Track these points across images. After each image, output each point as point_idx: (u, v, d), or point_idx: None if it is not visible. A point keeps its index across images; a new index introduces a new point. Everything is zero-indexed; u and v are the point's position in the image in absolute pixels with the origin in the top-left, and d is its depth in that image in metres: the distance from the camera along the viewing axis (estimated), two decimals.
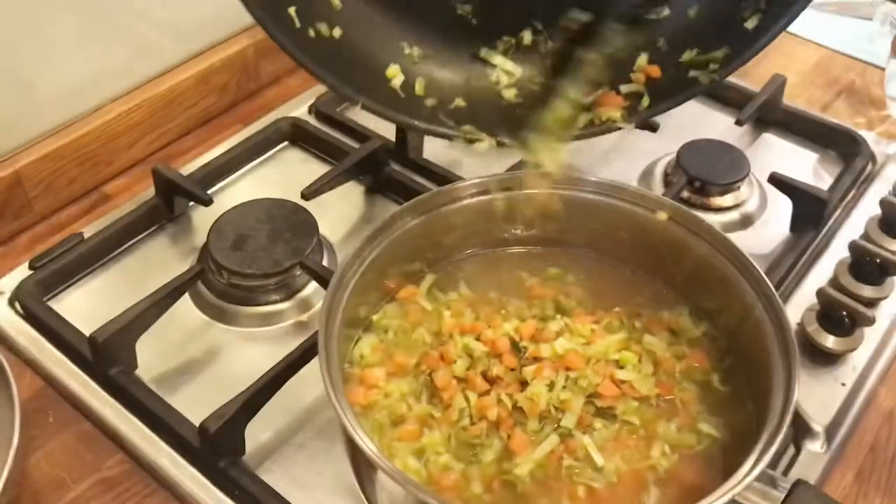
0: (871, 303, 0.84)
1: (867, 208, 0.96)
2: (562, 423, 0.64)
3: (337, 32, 0.78)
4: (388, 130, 0.98)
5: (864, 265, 0.85)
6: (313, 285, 0.85)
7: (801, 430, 0.74)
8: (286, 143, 1.02)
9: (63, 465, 0.73)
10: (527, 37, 0.83)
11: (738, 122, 1.01)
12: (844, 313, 0.80)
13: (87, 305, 0.84)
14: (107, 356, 0.76)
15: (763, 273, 0.67)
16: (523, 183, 0.74)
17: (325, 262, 0.86)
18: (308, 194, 0.88)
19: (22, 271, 0.86)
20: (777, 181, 0.93)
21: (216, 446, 0.70)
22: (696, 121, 1.06)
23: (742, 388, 0.68)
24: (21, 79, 0.89)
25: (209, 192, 0.92)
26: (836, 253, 0.90)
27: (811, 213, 0.92)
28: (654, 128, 1.00)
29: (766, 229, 0.94)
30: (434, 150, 1.00)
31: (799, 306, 0.84)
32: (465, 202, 0.74)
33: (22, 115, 0.90)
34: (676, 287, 0.74)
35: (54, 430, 0.75)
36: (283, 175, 0.98)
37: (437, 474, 0.62)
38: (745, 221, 0.95)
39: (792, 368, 0.61)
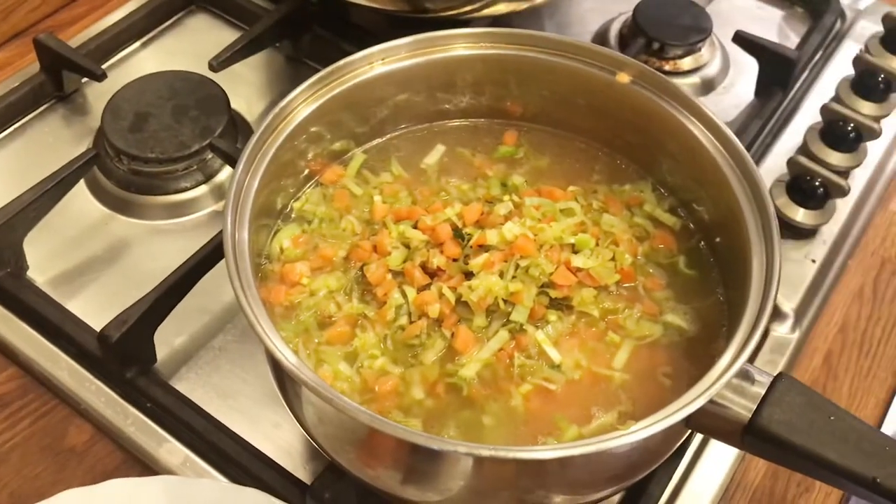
0: (845, 172, 0.78)
1: (836, 70, 0.90)
2: (511, 318, 0.59)
3: None
4: None
5: (837, 130, 0.79)
6: (229, 170, 0.79)
7: None
8: (192, 6, 0.94)
9: None
10: None
11: None
12: (817, 183, 0.74)
13: None
14: None
15: (738, 140, 0.60)
16: (462, 43, 0.67)
17: (239, 144, 0.80)
18: (216, 65, 0.81)
19: None
20: (743, 40, 0.87)
21: (121, 355, 0.65)
22: None
23: (711, 271, 0.63)
24: None
25: (103, 66, 0.86)
26: (805, 119, 0.85)
27: (779, 74, 0.86)
28: None
29: (728, 95, 0.89)
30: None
31: (766, 178, 0.78)
32: (393, 67, 0.66)
33: None
34: (638, 159, 0.69)
35: None
36: (189, 45, 0.90)
37: (373, 380, 0.57)
38: (707, 86, 0.90)
39: (772, 246, 0.55)
